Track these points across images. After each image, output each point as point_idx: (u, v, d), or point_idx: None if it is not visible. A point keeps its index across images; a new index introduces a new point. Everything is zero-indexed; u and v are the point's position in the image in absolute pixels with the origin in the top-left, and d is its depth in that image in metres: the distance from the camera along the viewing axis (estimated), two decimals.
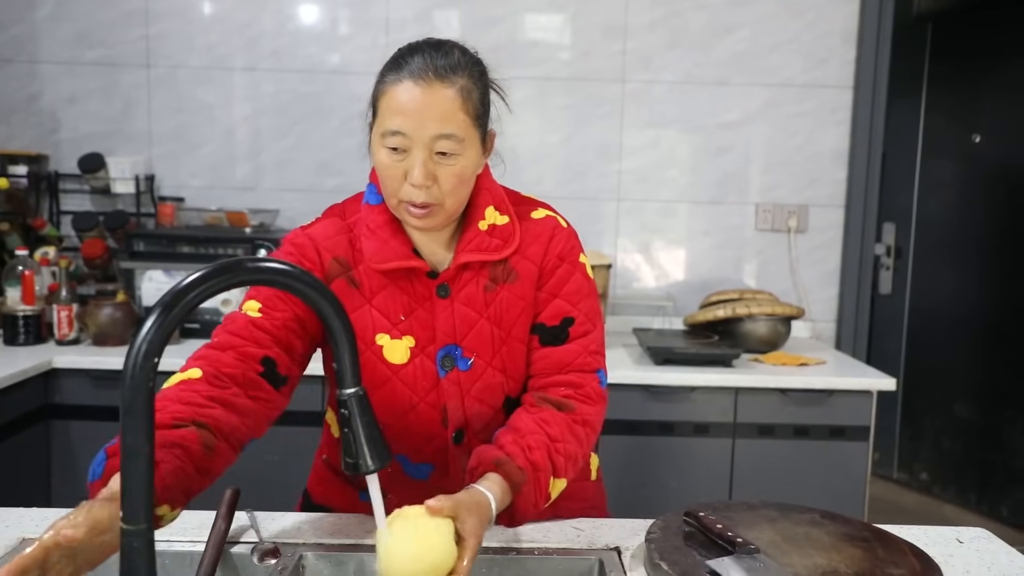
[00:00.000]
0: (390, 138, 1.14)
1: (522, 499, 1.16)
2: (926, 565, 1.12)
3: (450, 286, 1.25)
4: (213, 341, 1.16)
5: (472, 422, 1.28)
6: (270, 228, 2.97)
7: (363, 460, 0.91)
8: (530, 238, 1.28)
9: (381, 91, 1.17)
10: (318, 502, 1.42)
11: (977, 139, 3.84)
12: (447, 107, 1.13)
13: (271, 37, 3.07)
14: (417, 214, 1.16)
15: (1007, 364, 3.79)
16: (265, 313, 1.17)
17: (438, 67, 1.13)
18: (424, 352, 1.24)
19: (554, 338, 1.28)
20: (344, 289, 1.23)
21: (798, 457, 2.58)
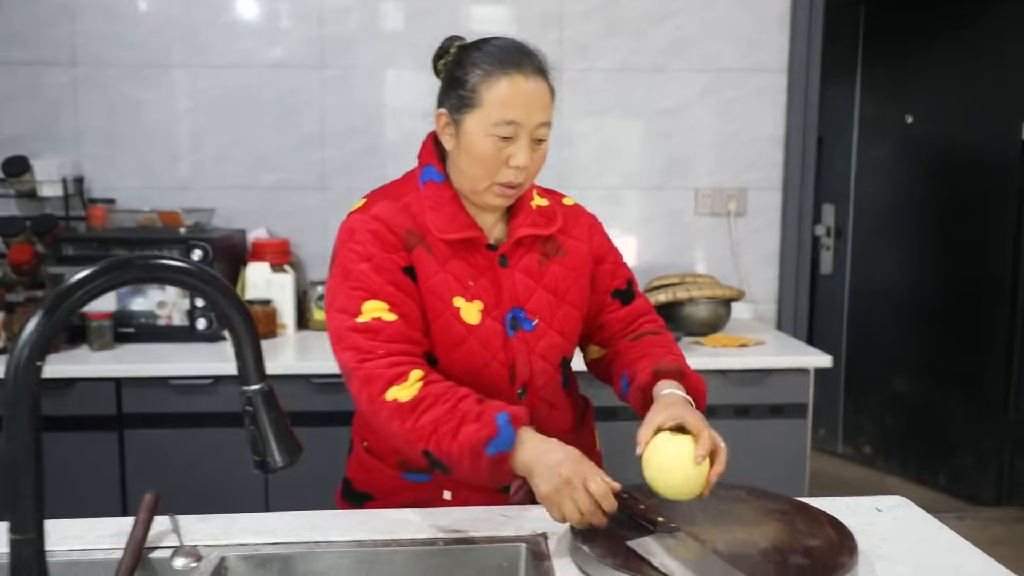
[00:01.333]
0: (504, 127, 1.26)
1: (691, 379, 1.33)
2: (841, 534, 1.15)
3: (508, 257, 1.38)
4: (380, 354, 1.25)
5: (536, 378, 1.38)
6: (206, 227, 2.92)
7: (271, 457, 0.91)
8: (571, 221, 1.46)
9: (486, 83, 1.26)
10: (360, 489, 1.47)
11: (910, 119, 3.92)
12: (547, 98, 1.30)
13: (202, 32, 3.00)
14: (509, 194, 1.32)
15: (942, 339, 3.88)
16: (400, 314, 1.28)
17: (536, 65, 1.29)
18: (491, 315, 1.34)
19: (628, 297, 1.50)
20: (424, 257, 1.32)
21: (739, 436, 2.57)
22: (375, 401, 1.23)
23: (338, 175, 3.11)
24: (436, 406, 1.21)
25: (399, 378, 1.23)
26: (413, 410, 1.21)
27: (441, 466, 1.22)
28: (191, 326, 2.72)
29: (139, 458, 2.46)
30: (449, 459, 1.20)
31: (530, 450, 1.18)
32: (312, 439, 2.44)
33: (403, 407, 1.21)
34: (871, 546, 1.19)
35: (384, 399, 1.22)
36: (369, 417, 1.27)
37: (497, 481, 1.24)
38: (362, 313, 1.26)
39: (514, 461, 1.18)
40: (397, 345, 1.26)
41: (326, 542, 1.21)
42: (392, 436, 1.24)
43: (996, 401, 3.67)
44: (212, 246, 2.69)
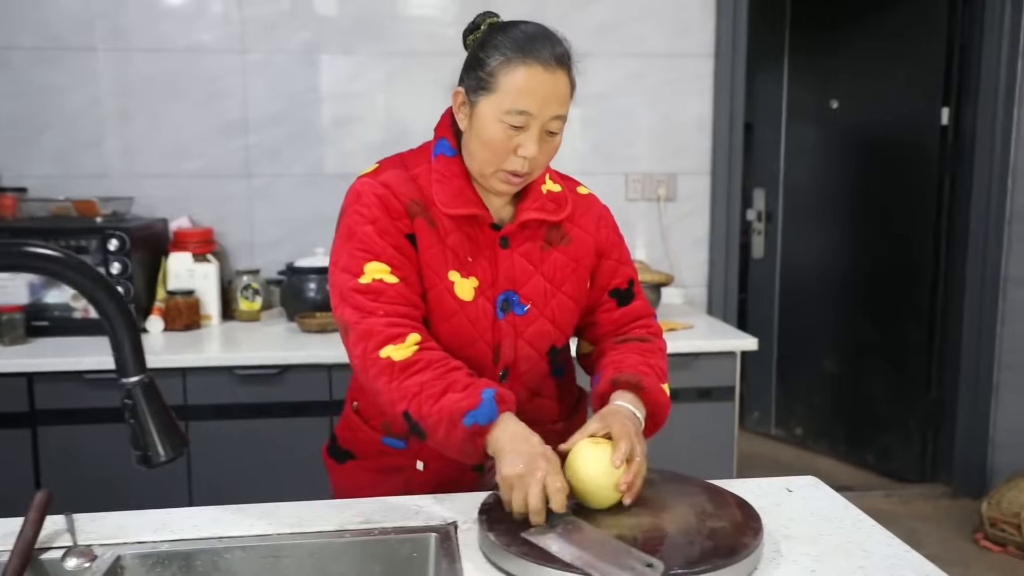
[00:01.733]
0: (516, 116, 1.24)
1: (649, 393, 1.33)
2: (747, 515, 1.15)
3: (510, 239, 1.36)
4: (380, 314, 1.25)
5: (520, 362, 1.38)
6: (124, 217, 2.83)
7: (153, 451, 0.87)
8: (581, 210, 1.44)
9: (503, 69, 1.24)
10: (344, 446, 1.51)
11: (835, 105, 3.98)
12: (565, 91, 1.27)
13: (113, 15, 2.90)
14: (515, 182, 1.30)
15: (867, 319, 3.97)
16: (401, 278, 1.29)
17: (558, 55, 1.25)
18: (485, 294, 1.34)
19: (626, 297, 1.48)
20: (425, 228, 1.32)
21: (668, 421, 2.62)
22: (368, 356, 1.24)
23: (263, 162, 3.04)
24: (426, 370, 1.22)
25: (396, 338, 1.24)
26: (404, 371, 1.22)
27: (419, 430, 1.23)
28: None
29: (53, 456, 2.38)
30: (426, 423, 1.21)
31: (507, 433, 1.19)
32: (236, 432, 2.43)
33: (394, 366, 1.22)
34: (778, 526, 1.20)
35: (378, 355, 1.23)
36: (359, 372, 1.27)
37: (468, 455, 1.21)
38: (364, 274, 1.28)
39: (488, 438, 1.19)
40: (397, 307, 1.27)
41: (228, 537, 1.18)
42: (378, 393, 1.25)
43: (918, 380, 3.77)
44: (130, 235, 2.61)
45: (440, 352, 1.26)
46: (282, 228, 3.06)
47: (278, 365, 2.43)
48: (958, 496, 3.67)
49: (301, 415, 2.45)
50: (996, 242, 3.49)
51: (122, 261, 2.61)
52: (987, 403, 3.59)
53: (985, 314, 3.54)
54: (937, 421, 3.78)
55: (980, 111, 3.46)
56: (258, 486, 2.40)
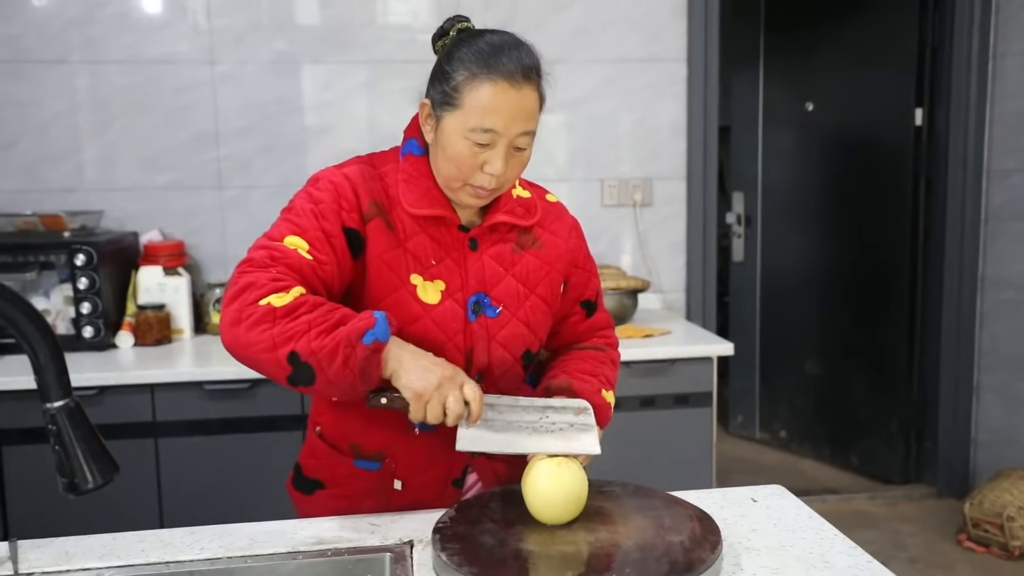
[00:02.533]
0: (481, 134, 1.20)
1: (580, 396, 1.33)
2: (707, 529, 1.13)
3: (479, 241, 1.33)
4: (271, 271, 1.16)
5: (494, 367, 1.34)
6: (94, 231, 2.80)
7: (81, 477, 0.84)
8: (552, 217, 1.43)
9: (467, 85, 1.20)
10: (310, 475, 1.43)
11: (810, 107, 3.98)
12: (532, 107, 1.23)
13: (81, 26, 2.87)
14: (482, 195, 1.27)
15: (848, 321, 3.97)
16: (316, 258, 1.21)
17: (526, 68, 1.21)
18: (454, 297, 1.30)
19: (593, 309, 1.49)
20: (381, 229, 1.28)
21: (645, 427, 2.61)
22: (245, 309, 1.13)
23: (235, 174, 3.01)
24: (313, 311, 1.14)
25: (280, 290, 1.14)
26: (287, 314, 1.12)
27: (306, 370, 1.12)
28: (78, 334, 2.60)
29: (17, 476, 2.34)
30: (318, 357, 1.11)
31: (402, 347, 1.17)
32: (207, 449, 2.39)
33: (276, 311, 1.12)
34: (740, 538, 1.18)
35: (257, 305, 1.13)
36: (229, 329, 1.13)
37: (366, 378, 1.13)
38: (282, 241, 1.21)
39: (385, 355, 1.14)
40: (291, 271, 1.18)
41: (176, 562, 1.15)
42: (253, 344, 1.12)
43: (900, 381, 3.76)
44: (97, 250, 2.58)
45: (322, 299, 1.17)
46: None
47: (249, 380, 2.40)
48: (942, 497, 3.66)
49: (272, 430, 2.42)
50: (972, 243, 3.49)
51: (89, 276, 2.57)
52: (968, 403, 3.59)
53: (963, 315, 3.54)
54: (919, 422, 3.77)
55: (953, 112, 3.46)
56: (230, 503, 2.36)
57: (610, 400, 1.40)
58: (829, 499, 3.66)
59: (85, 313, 2.58)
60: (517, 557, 1.06)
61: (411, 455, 1.34)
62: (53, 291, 2.64)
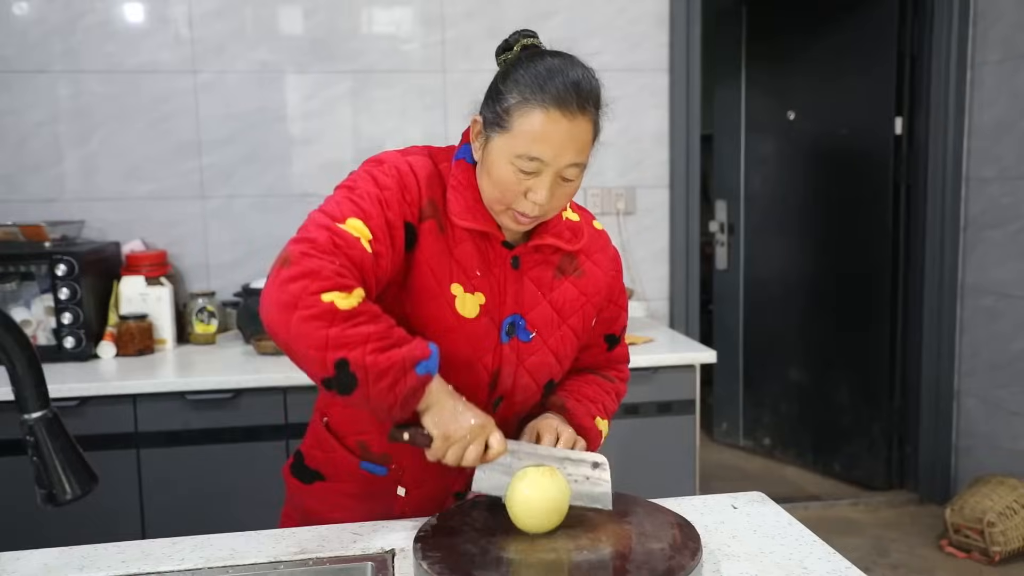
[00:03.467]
0: (527, 162, 1.16)
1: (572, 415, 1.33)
2: (686, 536, 1.13)
3: (522, 260, 1.29)
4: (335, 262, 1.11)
5: (516, 392, 1.32)
6: (75, 240, 2.78)
7: (59, 489, 0.84)
8: (597, 245, 1.38)
9: (519, 109, 1.15)
10: (312, 466, 1.40)
11: (792, 116, 4.01)
12: (585, 139, 1.17)
13: (61, 36, 2.86)
14: (524, 222, 1.22)
15: (830, 327, 3.99)
16: (375, 252, 1.16)
17: (581, 95, 1.15)
18: (491, 315, 1.27)
19: (615, 343, 1.47)
20: (434, 231, 1.23)
21: (629, 435, 2.62)
22: (307, 297, 1.08)
23: (217, 183, 3.01)
24: (372, 322, 1.10)
25: (345, 288, 1.10)
26: (348, 319, 1.08)
27: (349, 380, 1.09)
28: (59, 345, 2.58)
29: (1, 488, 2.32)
30: (367, 373, 1.08)
31: (442, 387, 1.16)
32: (189, 459, 2.38)
33: (337, 312, 1.08)
34: (720, 545, 1.19)
35: (319, 298, 1.08)
36: (281, 310, 1.08)
37: (404, 408, 1.12)
38: (345, 223, 1.14)
39: (428, 389, 1.13)
40: (353, 269, 1.13)
41: (157, 573, 1.14)
42: (302, 337, 1.08)
43: (882, 388, 3.79)
44: (79, 260, 2.56)
45: (380, 309, 1.14)
46: (238, 249, 3.03)
47: (231, 389, 2.39)
48: (924, 502, 3.68)
49: (255, 440, 2.41)
50: (952, 250, 3.53)
51: (71, 286, 2.56)
52: (948, 410, 3.62)
53: (944, 321, 3.57)
54: (901, 428, 3.80)
55: (932, 121, 3.50)
56: (213, 513, 2.35)
57: (602, 428, 1.39)
58: (812, 506, 3.68)
59: (66, 324, 2.57)
60: (499, 566, 1.06)
61: (418, 465, 1.29)
62: (34, 302, 2.62)
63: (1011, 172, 3.27)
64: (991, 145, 3.36)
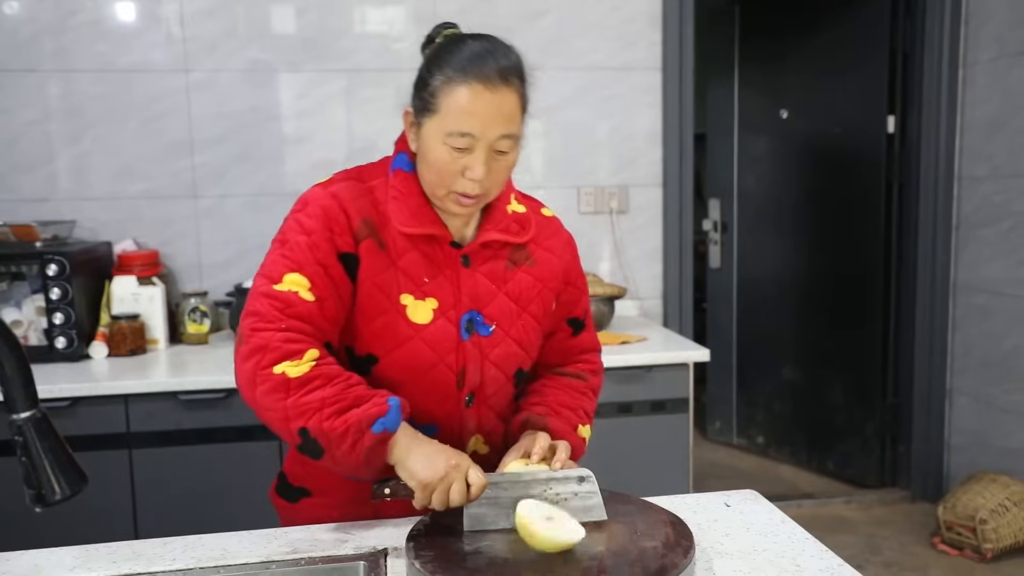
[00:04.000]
0: (458, 139, 1.19)
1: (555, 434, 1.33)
2: (679, 534, 1.13)
3: (472, 258, 1.31)
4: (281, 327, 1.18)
5: (486, 386, 1.33)
6: (66, 241, 2.77)
7: (48, 489, 0.83)
8: (547, 232, 1.40)
9: (443, 89, 1.19)
10: (296, 484, 1.41)
11: (785, 114, 4.02)
12: (511, 109, 1.20)
13: (53, 35, 2.84)
14: (467, 203, 1.24)
15: (823, 326, 4.00)
16: (318, 298, 1.22)
17: (503, 69, 1.19)
18: (446, 315, 1.28)
19: (580, 328, 1.47)
20: (373, 250, 1.26)
21: (622, 434, 2.62)
22: (260, 372, 1.16)
23: (209, 183, 3.00)
24: (326, 386, 1.17)
25: (293, 355, 1.17)
26: (302, 386, 1.16)
27: (314, 446, 1.17)
28: (50, 345, 2.57)
29: None
30: (327, 439, 1.16)
31: (410, 437, 1.19)
32: (182, 459, 2.37)
33: (290, 382, 1.16)
34: (713, 543, 1.19)
35: (271, 371, 1.16)
36: (244, 388, 1.19)
37: (369, 466, 1.18)
38: (282, 282, 1.21)
39: (393, 442, 1.18)
40: (301, 324, 1.20)
41: (148, 573, 1.14)
42: (267, 410, 1.17)
43: (875, 386, 3.80)
44: (71, 260, 2.55)
45: (338, 367, 1.20)
46: (230, 249, 3.02)
47: (224, 389, 2.38)
48: (916, 500, 3.69)
49: (247, 440, 2.40)
50: (944, 248, 3.54)
51: (62, 286, 2.54)
52: (941, 408, 3.63)
53: (936, 320, 3.58)
54: (894, 427, 3.81)
55: (924, 120, 3.51)
56: (205, 513, 2.34)
57: (585, 436, 1.41)
58: (806, 504, 3.68)
59: (58, 324, 2.55)
60: (491, 565, 1.06)
61: None
62: (25, 302, 2.61)
63: (1003, 170, 3.28)
64: (983, 144, 3.37)
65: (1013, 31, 3.21)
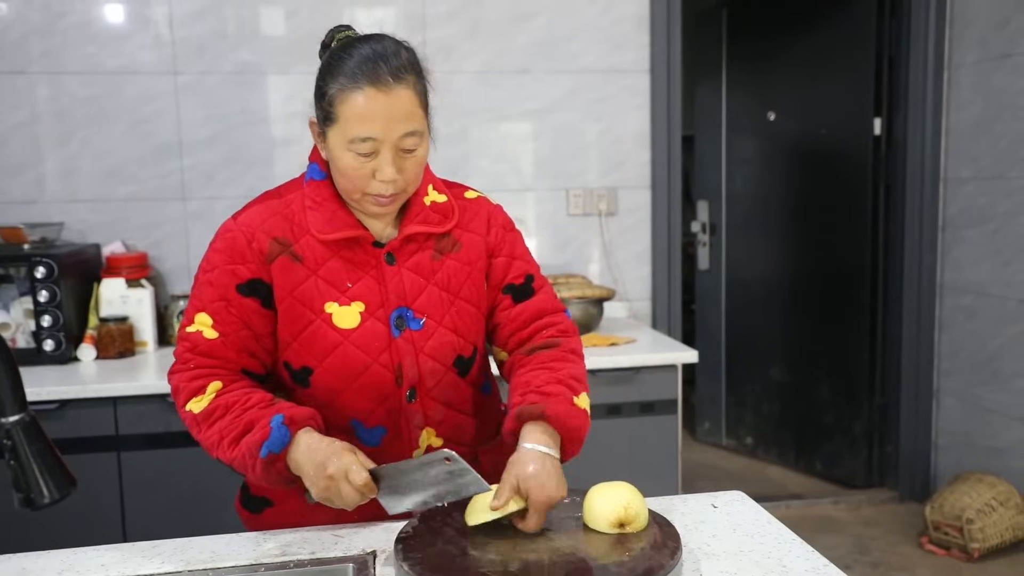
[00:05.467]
0: (360, 144, 1.20)
1: (554, 420, 1.25)
2: (667, 535, 1.14)
3: (395, 255, 1.32)
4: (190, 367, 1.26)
5: (425, 379, 1.33)
6: (54, 243, 2.76)
7: (37, 493, 0.83)
8: (470, 215, 1.39)
9: (339, 97, 1.20)
10: (258, 494, 1.42)
11: (772, 116, 4.04)
12: (408, 106, 1.20)
13: (41, 37, 2.84)
14: (385, 202, 1.25)
15: (811, 327, 4.02)
16: (221, 333, 1.26)
17: (393, 69, 1.19)
18: (375, 315, 1.29)
19: (523, 294, 1.42)
20: (287, 265, 1.28)
21: (611, 435, 2.63)
22: (180, 412, 1.27)
23: (198, 185, 2.99)
24: (224, 417, 1.23)
25: (198, 392, 1.25)
26: (204, 420, 1.24)
27: (237, 473, 1.26)
28: (38, 348, 2.56)
29: None
30: (236, 466, 1.23)
31: (302, 450, 1.20)
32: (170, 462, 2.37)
33: (196, 418, 1.24)
34: (700, 544, 1.20)
35: (185, 410, 1.26)
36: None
37: (279, 483, 1.23)
38: (193, 323, 1.28)
39: (288, 461, 1.20)
40: (207, 360, 1.26)
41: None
42: (200, 443, 1.26)
43: (862, 387, 3.82)
44: (59, 262, 2.55)
45: (237, 393, 1.25)
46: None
47: None
48: (904, 500, 3.72)
49: None
50: (930, 250, 3.56)
51: (50, 289, 2.54)
52: (928, 408, 3.66)
53: (923, 321, 3.61)
54: (882, 427, 3.83)
55: (910, 122, 3.54)
56: (194, 516, 2.34)
57: (584, 406, 1.29)
58: (794, 504, 3.70)
59: (46, 326, 2.55)
60: (480, 566, 1.07)
61: None
62: (13, 304, 2.60)
63: (987, 172, 3.31)
64: (968, 145, 3.40)
65: (996, 34, 3.23)
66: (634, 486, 1.20)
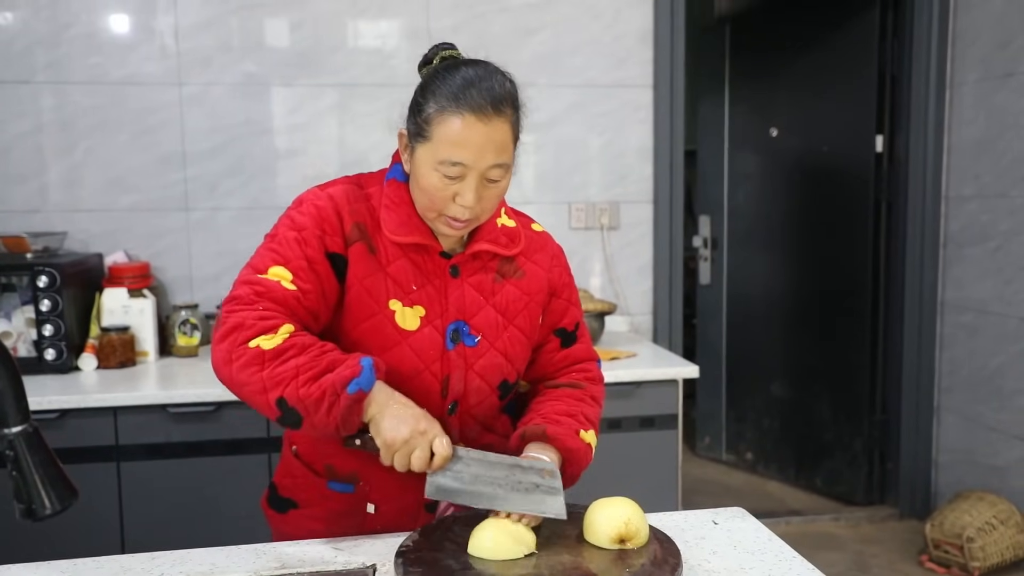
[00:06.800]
0: (450, 167, 1.20)
1: (554, 440, 1.30)
2: (667, 551, 1.14)
3: (461, 269, 1.33)
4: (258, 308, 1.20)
5: (469, 395, 1.34)
6: (57, 252, 2.77)
7: (39, 504, 0.83)
8: (535, 246, 1.42)
9: (436, 118, 1.20)
10: (285, 495, 1.43)
11: (775, 133, 4.05)
12: (503, 139, 1.22)
13: (46, 47, 2.85)
14: (457, 227, 1.26)
15: (812, 343, 4.02)
16: (299, 288, 1.23)
17: (495, 99, 1.20)
18: (433, 324, 1.30)
19: (570, 339, 1.46)
20: (363, 253, 1.28)
21: (612, 450, 2.62)
22: (235, 349, 1.18)
23: (201, 195, 3.00)
24: (301, 355, 1.18)
25: (269, 330, 1.19)
26: (276, 357, 1.17)
27: (293, 416, 1.17)
28: (39, 357, 2.56)
29: None
30: (304, 405, 1.16)
31: (386, 395, 1.20)
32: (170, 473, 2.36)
33: (265, 354, 1.17)
34: (700, 560, 1.19)
35: (247, 346, 1.17)
36: (220, 366, 1.19)
37: (347, 426, 1.18)
38: (267, 273, 1.23)
39: (369, 400, 1.18)
40: (278, 306, 1.21)
41: None
42: (244, 385, 1.18)
43: (863, 403, 3.81)
44: (61, 272, 2.55)
45: (313, 337, 1.21)
46: (221, 262, 3.02)
47: (213, 402, 2.38)
48: (904, 518, 3.71)
49: (238, 453, 2.40)
50: (932, 267, 3.56)
51: (52, 298, 2.54)
52: (928, 425, 3.65)
53: (924, 338, 3.61)
54: (882, 444, 3.82)
55: (912, 139, 3.55)
56: (194, 527, 2.34)
57: (590, 441, 1.36)
58: (794, 521, 3.69)
59: (47, 335, 2.55)
60: None
61: (385, 480, 1.33)
62: (15, 313, 2.60)
63: (989, 190, 3.32)
64: (970, 163, 3.41)
65: (999, 53, 3.25)
66: (634, 501, 1.20)
